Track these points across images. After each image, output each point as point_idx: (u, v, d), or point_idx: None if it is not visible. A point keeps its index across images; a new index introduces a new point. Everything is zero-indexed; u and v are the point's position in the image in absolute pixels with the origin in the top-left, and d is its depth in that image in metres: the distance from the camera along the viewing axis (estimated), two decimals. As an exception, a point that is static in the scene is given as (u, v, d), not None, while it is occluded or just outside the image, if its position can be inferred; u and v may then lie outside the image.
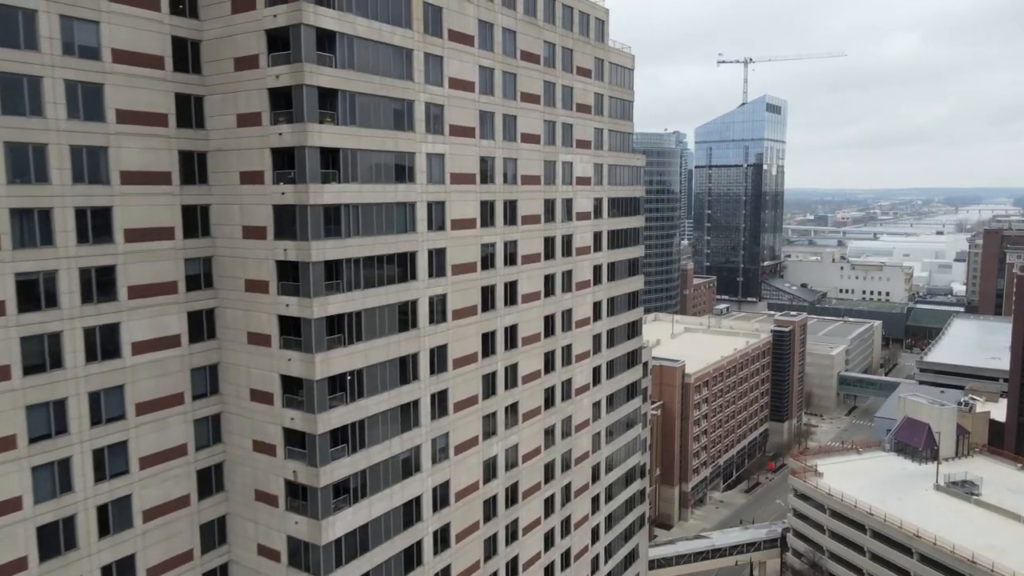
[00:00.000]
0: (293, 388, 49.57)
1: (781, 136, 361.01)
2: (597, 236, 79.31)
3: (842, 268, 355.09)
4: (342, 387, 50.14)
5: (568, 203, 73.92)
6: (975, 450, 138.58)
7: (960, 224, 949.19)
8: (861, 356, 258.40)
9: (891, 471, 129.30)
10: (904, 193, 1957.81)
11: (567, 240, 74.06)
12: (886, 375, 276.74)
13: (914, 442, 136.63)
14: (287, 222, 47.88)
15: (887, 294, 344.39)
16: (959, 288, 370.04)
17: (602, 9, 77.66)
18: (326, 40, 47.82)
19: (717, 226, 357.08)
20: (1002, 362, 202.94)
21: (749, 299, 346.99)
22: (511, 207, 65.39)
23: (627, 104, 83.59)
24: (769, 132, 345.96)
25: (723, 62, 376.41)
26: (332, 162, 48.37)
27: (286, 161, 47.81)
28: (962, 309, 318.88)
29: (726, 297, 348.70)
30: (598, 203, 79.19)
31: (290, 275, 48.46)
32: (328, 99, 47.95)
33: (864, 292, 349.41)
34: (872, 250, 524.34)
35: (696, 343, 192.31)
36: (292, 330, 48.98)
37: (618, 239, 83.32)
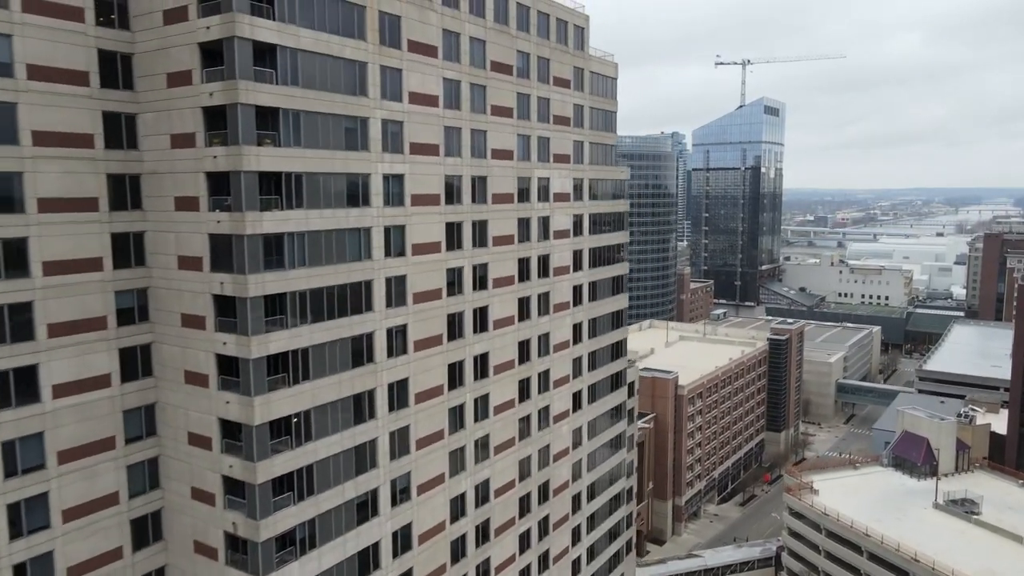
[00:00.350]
0: (233, 433, 45.33)
1: (779, 139, 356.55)
2: (577, 255, 74.94)
3: (841, 272, 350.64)
4: (287, 430, 45.91)
5: (545, 221, 69.56)
6: (975, 465, 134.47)
7: (960, 225, 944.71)
8: (860, 363, 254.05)
9: (889, 488, 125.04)
10: (904, 193, 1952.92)
11: (544, 260, 69.71)
12: (885, 381, 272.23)
13: (912, 457, 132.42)
14: (223, 253, 43.60)
15: (886, 298, 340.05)
16: (959, 291, 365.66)
17: (582, 16, 73.24)
18: (267, 54, 43.55)
19: (715, 229, 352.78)
20: (1003, 370, 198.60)
21: (747, 303, 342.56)
22: (480, 228, 61.05)
23: (609, 115, 79.18)
24: (767, 135, 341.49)
25: (721, 64, 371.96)
26: (275, 187, 44.15)
27: (222, 186, 43.53)
28: (962, 314, 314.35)
29: (724, 301, 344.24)
30: (578, 220, 74.82)
31: (228, 310, 44.21)
32: (268, 118, 43.68)
33: (863, 296, 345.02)
34: (872, 252, 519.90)
35: (690, 352, 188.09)
36: (231, 370, 44.74)
37: (600, 257, 78.95)
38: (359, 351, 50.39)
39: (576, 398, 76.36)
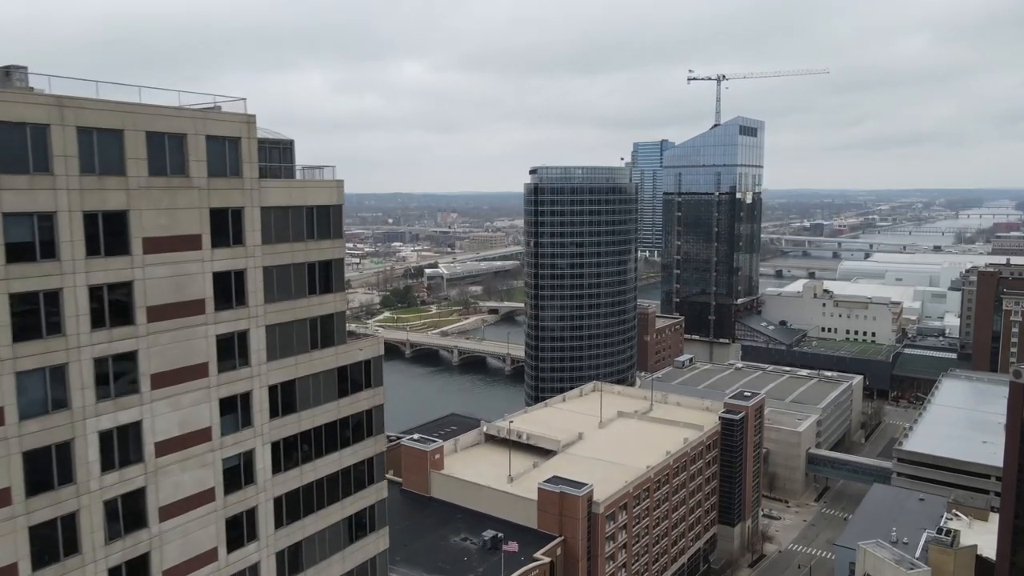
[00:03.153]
0: None
1: (757, 160, 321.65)
2: (238, 522, 42.89)
3: (824, 305, 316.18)
4: None
5: (133, 499, 37.63)
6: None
7: (960, 233, 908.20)
8: (838, 421, 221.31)
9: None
10: (906, 195, 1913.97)
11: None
12: (867, 439, 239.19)
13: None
14: None
15: (873, 334, 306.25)
16: (953, 322, 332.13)
17: (232, 121, 40.92)
18: None
19: (688, 258, 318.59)
20: (994, 448, 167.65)
21: (721, 340, 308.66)
22: None
23: (322, 269, 46.83)
24: (743, 157, 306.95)
25: (694, 79, 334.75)
26: None
27: None
28: (955, 355, 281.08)
29: (696, 337, 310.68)
30: (242, 462, 42.78)
31: None
32: None
33: (848, 332, 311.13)
34: (864, 271, 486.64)
35: (627, 436, 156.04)
36: None
37: (307, 501, 46.80)
38: None
39: None
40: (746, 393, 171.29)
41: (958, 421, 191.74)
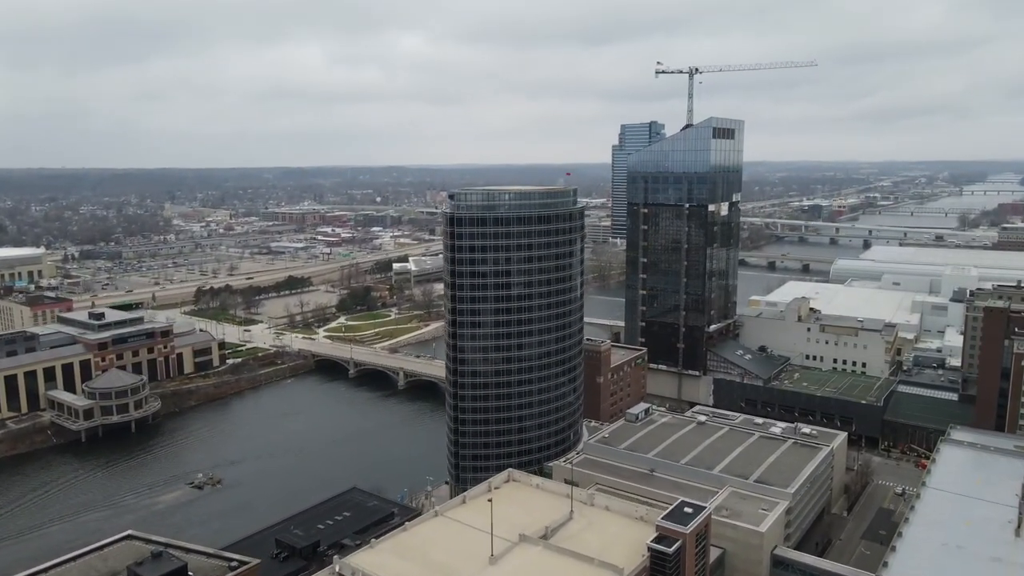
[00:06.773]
0: None
1: (734, 164, 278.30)
2: None
3: (809, 329, 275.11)
4: None
5: None
6: None
7: (963, 215, 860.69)
8: (813, 501, 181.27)
9: None
10: (910, 167, 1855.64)
11: None
12: (849, 509, 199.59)
13: None
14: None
15: (863, 365, 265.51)
16: (954, 340, 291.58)
17: None
18: None
19: (655, 276, 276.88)
20: (1007, 573, 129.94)
21: (691, 372, 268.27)
22: None
23: None
24: (716, 163, 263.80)
25: (663, 72, 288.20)
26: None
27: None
28: (955, 397, 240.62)
29: (664, 367, 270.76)
30: None
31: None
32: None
33: (835, 361, 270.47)
34: (859, 272, 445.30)
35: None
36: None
37: None
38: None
39: None
40: (687, 508, 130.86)
41: (959, 522, 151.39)
